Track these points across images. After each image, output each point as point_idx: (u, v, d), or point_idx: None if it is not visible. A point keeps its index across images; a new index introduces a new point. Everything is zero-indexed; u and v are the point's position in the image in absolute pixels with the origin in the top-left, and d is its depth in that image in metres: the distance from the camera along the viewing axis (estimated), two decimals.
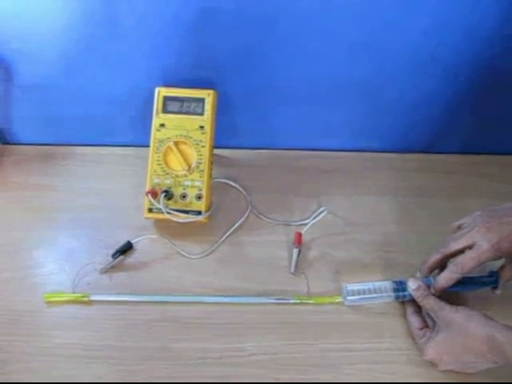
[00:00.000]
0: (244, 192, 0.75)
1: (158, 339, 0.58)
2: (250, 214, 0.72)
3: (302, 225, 0.71)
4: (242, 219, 0.71)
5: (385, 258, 0.68)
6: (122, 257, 0.65)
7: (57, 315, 0.60)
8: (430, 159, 0.80)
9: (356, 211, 0.73)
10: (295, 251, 0.66)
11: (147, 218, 0.68)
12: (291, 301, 0.62)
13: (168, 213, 0.65)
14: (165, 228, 0.69)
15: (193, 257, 0.67)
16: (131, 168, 0.76)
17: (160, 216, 0.67)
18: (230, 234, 0.69)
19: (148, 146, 0.69)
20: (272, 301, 0.62)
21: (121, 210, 0.71)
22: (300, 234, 0.67)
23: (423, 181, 0.77)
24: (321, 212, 0.72)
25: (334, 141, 0.81)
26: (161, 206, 0.65)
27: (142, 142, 0.72)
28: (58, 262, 0.65)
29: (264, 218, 0.72)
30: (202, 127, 0.68)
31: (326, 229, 0.71)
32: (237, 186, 0.75)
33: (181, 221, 0.66)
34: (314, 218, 0.71)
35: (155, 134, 0.68)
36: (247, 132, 0.80)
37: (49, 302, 0.61)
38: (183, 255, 0.66)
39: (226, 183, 0.76)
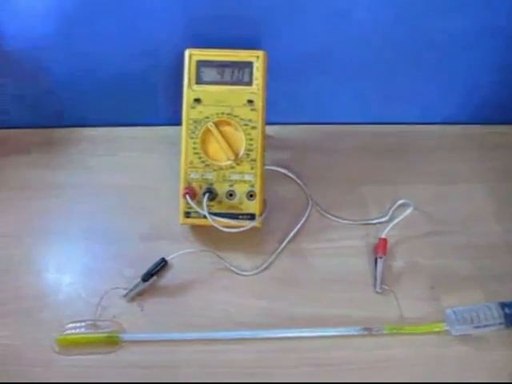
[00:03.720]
0: (300, 182, 0.59)
1: None
2: (312, 211, 0.57)
3: (379, 223, 0.56)
4: (303, 220, 0.55)
5: (488, 267, 0.53)
6: (154, 278, 0.50)
7: (75, 364, 0.45)
8: None
9: (445, 204, 0.58)
10: (380, 263, 0.51)
11: (184, 225, 0.53)
12: (382, 331, 0.47)
13: (213, 219, 0.49)
14: (207, 236, 0.53)
15: (245, 273, 0.51)
16: (158, 156, 0.60)
17: (201, 221, 0.51)
18: (290, 240, 0.54)
19: (179, 125, 0.52)
20: (355, 332, 0.47)
21: (148, 213, 0.55)
22: (385, 241, 0.52)
23: None
24: (403, 206, 0.56)
25: (409, 112, 0.64)
26: (204, 212, 0.49)
27: (170, 121, 0.55)
28: (72, 287, 0.50)
29: (330, 216, 0.56)
30: (250, 102, 0.51)
31: (408, 228, 0.55)
32: (291, 174, 0.59)
33: (232, 230, 0.50)
34: (394, 215, 0.55)
35: (188, 113, 0.52)
36: (299, 103, 0.63)
37: (63, 347, 0.46)
38: (233, 271, 0.51)
39: (276, 172, 0.60)
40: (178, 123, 0.53)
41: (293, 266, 0.52)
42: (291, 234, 0.54)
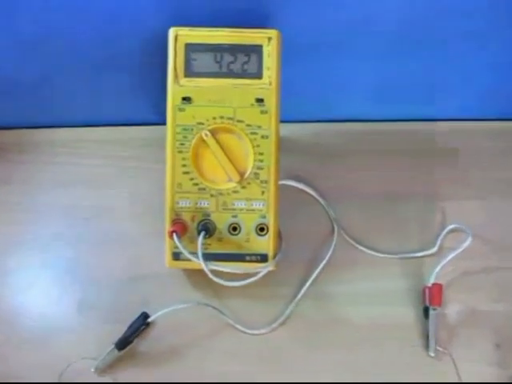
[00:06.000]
0: (322, 201, 0.46)
1: None
2: (339, 241, 0.44)
3: (424, 256, 0.43)
4: (328, 254, 0.43)
5: None
6: (135, 341, 0.37)
7: None
8: None
9: (507, 227, 0.45)
10: (433, 317, 0.39)
11: (172, 267, 0.40)
12: None
13: (210, 268, 0.36)
14: (203, 280, 0.40)
15: (254, 332, 0.39)
16: (137, 165, 0.46)
17: (194, 265, 0.38)
18: (312, 282, 0.41)
19: (164, 125, 0.39)
20: None
21: (124, 247, 0.42)
22: (440, 288, 0.39)
23: None
24: (455, 231, 0.43)
25: (456, 105, 0.50)
26: (199, 260, 0.36)
27: (153, 119, 0.43)
28: (24, 351, 0.37)
29: (362, 247, 0.43)
30: (260, 101, 0.38)
31: (462, 262, 0.43)
32: (309, 190, 0.46)
33: (236, 284, 0.36)
34: (443, 244, 0.43)
35: (175, 117, 0.38)
36: (318, 96, 0.49)
37: None
38: (238, 330, 0.39)
39: (289, 187, 0.46)
40: (163, 123, 0.39)
41: (316, 320, 0.40)
42: (314, 275, 0.41)
